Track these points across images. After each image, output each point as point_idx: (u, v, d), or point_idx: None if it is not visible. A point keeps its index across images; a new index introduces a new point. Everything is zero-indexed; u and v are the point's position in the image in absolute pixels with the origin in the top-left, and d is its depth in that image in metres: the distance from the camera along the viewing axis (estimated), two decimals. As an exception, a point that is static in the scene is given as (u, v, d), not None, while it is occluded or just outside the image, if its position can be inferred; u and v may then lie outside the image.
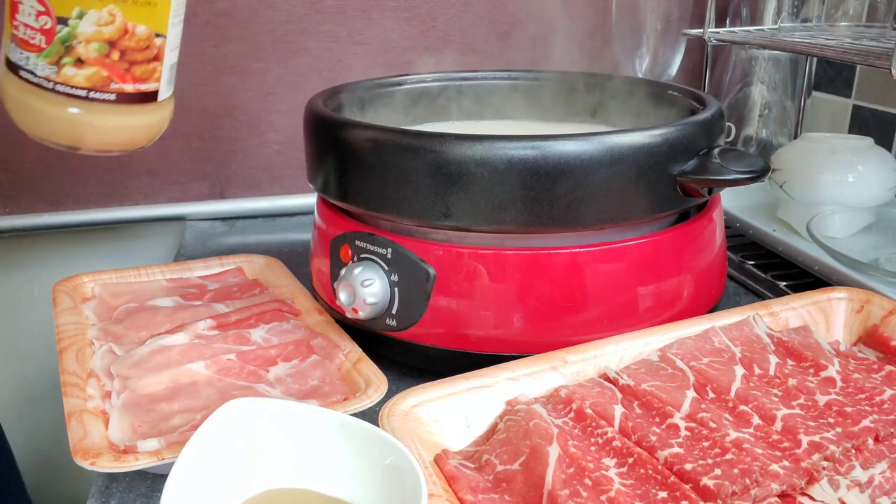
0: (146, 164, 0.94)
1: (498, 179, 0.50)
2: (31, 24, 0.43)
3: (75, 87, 0.44)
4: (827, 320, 0.56)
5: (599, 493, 0.39)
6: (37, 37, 0.43)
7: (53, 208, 0.93)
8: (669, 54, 0.88)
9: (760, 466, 0.40)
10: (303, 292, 0.64)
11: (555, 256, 0.52)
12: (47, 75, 0.43)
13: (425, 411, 0.44)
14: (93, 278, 0.65)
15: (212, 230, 0.92)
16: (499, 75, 0.75)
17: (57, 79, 0.43)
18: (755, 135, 0.94)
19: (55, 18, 0.43)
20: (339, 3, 0.92)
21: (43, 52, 0.43)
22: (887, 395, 0.47)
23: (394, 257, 0.53)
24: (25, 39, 0.43)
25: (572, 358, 0.49)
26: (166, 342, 0.55)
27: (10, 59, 0.44)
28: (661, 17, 0.87)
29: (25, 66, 0.43)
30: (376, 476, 0.38)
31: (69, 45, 0.43)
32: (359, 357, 0.54)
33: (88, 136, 0.45)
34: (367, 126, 0.54)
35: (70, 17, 0.43)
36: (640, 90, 0.69)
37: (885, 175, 0.71)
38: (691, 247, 0.56)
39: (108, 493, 0.47)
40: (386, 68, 0.95)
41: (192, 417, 0.48)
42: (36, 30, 0.43)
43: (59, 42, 0.43)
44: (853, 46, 0.68)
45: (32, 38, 0.43)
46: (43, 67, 0.43)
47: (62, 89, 0.43)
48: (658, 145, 0.51)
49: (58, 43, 0.43)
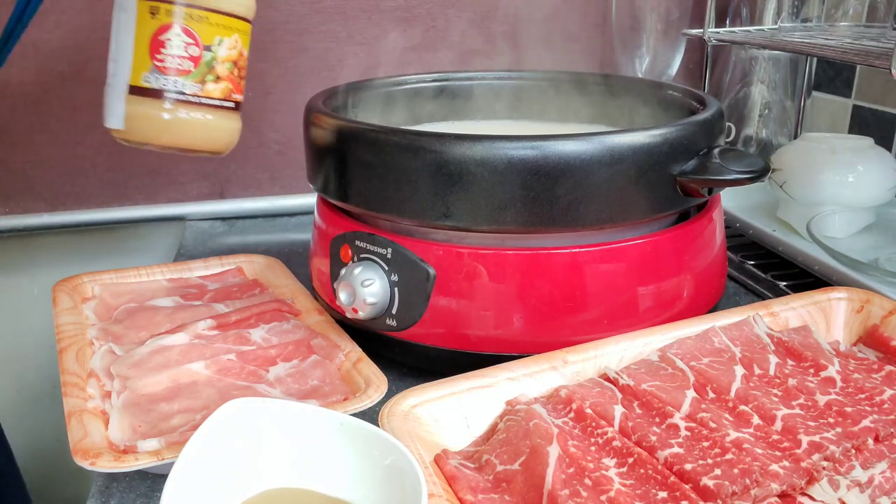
0: (146, 164, 0.94)
1: (498, 179, 0.50)
2: (181, 54, 0.55)
3: (213, 99, 0.56)
4: (827, 320, 0.56)
5: (599, 493, 0.39)
6: (185, 63, 0.55)
7: (53, 208, 0.93)
8: (669, 54, 0.88)
9: (760, 466, 0.40)
10: (303, 292, 0.64)
11: (555, 256, 0.52)
12: (195, 92, 0.55)
13: (425, 411, 0.44)
14: (93, 278, 0.65)
15: (212, 230, 0.92)
16: (498, 75, 0.75)
17: (201, 94, 0.55)
18: (755, 135, 0.94)
19: (202, 47, 0.55)
20: (339, 3, 0.92)
21: (191, 74, 0.55)
22: (887, 395, 0.47)
23: (394, 257, 0.53)
24: (174, 67, 0.55)
25: (572, 358, 0.49)
26: (166, 342, 0.55)
27: (146, 87, 0.55)
28: (661, 17, 0.87)
29: (173, 88, 0.55)
30: (376, 476, 0.38)
31: (212, 66, 0.56)
32: (359, 357, 0.54)
33: (215, 137, 0.57)
34: (367, 126, 0.54)
35: (213, 45, 0.55)
36: (640, 90, 0.69)
37: (885, 175, 0.71)
38: (691, 247, 0.56)
39: (108, 493, 0.47)
40: (386, 68, 0.95)
41: (192, 417, 0.48)
42: (185, 58, 0.55)
43: (204, 65, 0.55)
44: (853, 46, 0.68)
45: (181, 65, 0.55)
46: (191, 86, 0.55)
47: (206, 101, 0.56)
48: (658, 145, 0.51)
49: (203, 65, 0.55)
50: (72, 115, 0.90)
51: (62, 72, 0.88)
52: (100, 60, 0.89)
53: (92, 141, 0.91)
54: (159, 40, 0.55)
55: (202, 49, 0.55)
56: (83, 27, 0.87)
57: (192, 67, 0.55)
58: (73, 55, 0.88)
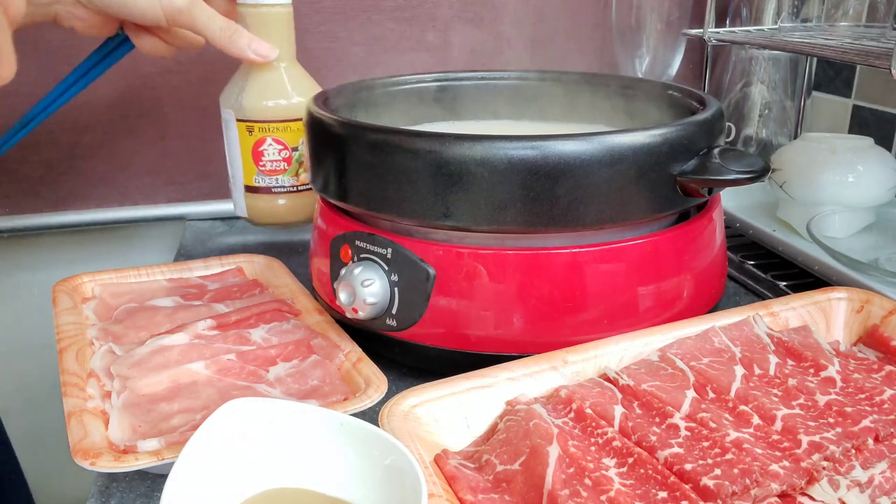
0: (146, 164, 0.94)
1: (498, 179, 0.49)
2: (276, 158, 0.71)
3: (303, 185, 0.73)
4: (827, 320, 0.56)
5: (599, 493, 0.39)
6: (281, 164, 0.72)
7: (53, 208, 0.93)
8: (669, 54, 0.88)
9: (760, 466, 0.40)
10: (303, 292, 0.64)
11: (555, 256, 0.52)
12: (294, 184, 0.73)
13: (425, 411, 0.44)
14: (93, 278, 0.65)
15: (212, 230, 0.92)
16: (499, 75, 0.75)
17: (298, 183, 0.73)
18: (755, 135, 0.94)
19: (291, 149, 0.71)
20: (339, 3, 0.92)
21: (287, 171, 0.72)
22: (887, 395, 0.47)
23: (394, 257, 0.53)
24: (274, 169, 0.72)
25: (572, 358, 0.49)
26: (166, 342, 0.55)
27: (257, 185, 0.73)
28: (661, 17, 0.87)
29: (276, 184, 0.72)
30: (376, 476, 0.38)
31: (301, 160, 0.72)
32: (359, 357, 0.54)
33: (310, 210, 0.74)
34: (366, 126, 0.54)
35: (298, 145, 0.71)
36: (640, 90, 0.69)
37: (885, 175, 0.71)
38: (691, 247, 0.56)
39: (108, 493, 0.47)
40: (386, 68, 0.95)
41: (192, 417, 0.48)
42: (280, 160, 0.72)
43: (296, 162, 0.72)
44: (853, 46, 0.68)
45: (278, 165, 0.72)
46: (289, 180, 0.72)
47: (301, 188, 0.73)
48: (658, 145, 0.51)
49: (295, 162, 0.72)
50: (72, 115, 0.90)
51: (62, 72, 0.88)
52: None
53: (91, 141, 0.91)
54: (259, 151, 0.71)
55: (291, 151, 0.71)
56: (83, 27, 0.87)
57: (287, 166, 0.71)
58: (72, 55, 0.88)
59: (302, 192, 0.73)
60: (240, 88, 0.71)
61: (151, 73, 0.91)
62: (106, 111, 0.91)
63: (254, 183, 0.72)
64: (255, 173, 0.72)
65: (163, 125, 0.93)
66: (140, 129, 0.92)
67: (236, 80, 0.72)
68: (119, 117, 0.91)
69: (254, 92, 0.70)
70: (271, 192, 0.72)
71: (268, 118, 0.70)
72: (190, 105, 0.92)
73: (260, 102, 0.70)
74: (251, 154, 0.71)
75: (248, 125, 0.70)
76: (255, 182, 0.72)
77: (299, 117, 0.70)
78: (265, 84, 0.71)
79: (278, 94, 0.71)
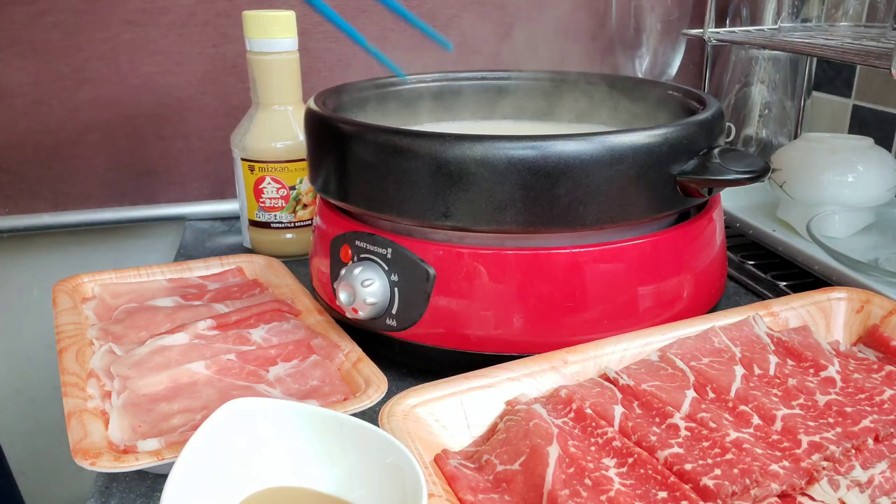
0: (146, 164, 0.94)
1: (498, 179, 0.49)
2: (274, 196, 0.76)
3: (301, 221, 0.78)
4: (827, 320, 0.56)
5: (599, 493, 0.39)
6: (279, 201, 0.76)
7: (53, 208, 0.93)
8: (669, 54, 0.89)
9: (760, 466, 0.40)
10: (303, 292, 0.64)
11: (555, 256, 0.52)
12: (291, 220, 0.77)
13: (425, 411, 0.44)
14: (93, 278, 0.65)
15: (212, 230, 0.92)
16: (499, 75, 0.75)
17: (295, 219, 0.77)
18: (755, 135, 0.94)
19: (288, 188, 0.76)
20: (339, 3, 0.92)
21: (285, 209, 0.77)
22: (887, 395, 0.47)
23: (394, 257, 0.53)
24: (272, 206, 0.77)
25: (572, 358, 0.49)
26: (166, 342, 0.55)
27: (259, 220, 0.78)
28: (661, 17, 0.87)
29: (275, 220, 0.77)
30: (376, 476, 0.38)
31: (299, 199, 0.77)
32: (359, 357, 0.54)
33: (306, 244, 0.78)
34: (367, 126, 0.54)
35: (296, 185, 0.76)
36: (640, 90, 0.69)
37: (885, 175, 0.71)
38: (691, 247, 0.56)
39: (108, 493, 0.47)
40: (386, 68, 0.95)
41: (192, 417, 0.48)
42: (278, 198, 0.76)
43: (293, 200, 0.76)
44: (853, 46, 0.68)
45: (276, 202, 0.76)
46: (287, 216, 0.77)
47: (298, 224, 0.78)
48: (658, 145, 0.51)
49: (293, 200, 0.76)
50: (72, 115, 0.90)
51: (62, 72, 0.88)
52: (98, 60, 0.90)
53: (92, 141, 0.91)
54: (259, 188, 0.76)
55: (289, 189, 0.76)
56: (82, 28, 0.87)
57: (284, 203, 0.76)
58: (72, 55, 0.88)
59: (299, 228, 0.78)
60: (245, 130, 0.76)
61: (151, 73, 0.91)
62: (106, 111, 0.91)
63: (255, 217, 0.78)
64: (256, 209, 0.77)
65: (163, 125, 0.93)
66: (140, 129, 0.93)
67: (243, 122, 0.77)
68: (119, 117, 0.91)
69: (256, 134, 0.75)
70: (270, 227, 0.77)
71: (266, 158, 0.75)
72: (190, 105, 0.92)
73: (259, 144, 0.75)
74: (253, 191, 0.76)
75: (250, 164, 0.75)
76: (256, 217, 0.78)
77: (296, 158, 0.75)
78: (267, 126, 0.76)
79: (277, 137, 0.75)
